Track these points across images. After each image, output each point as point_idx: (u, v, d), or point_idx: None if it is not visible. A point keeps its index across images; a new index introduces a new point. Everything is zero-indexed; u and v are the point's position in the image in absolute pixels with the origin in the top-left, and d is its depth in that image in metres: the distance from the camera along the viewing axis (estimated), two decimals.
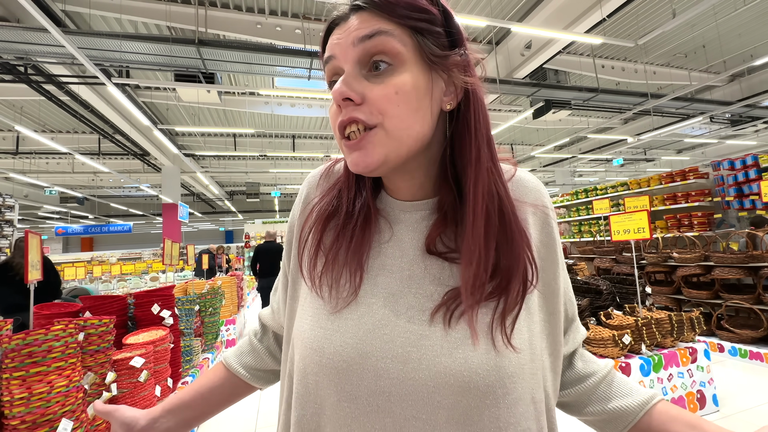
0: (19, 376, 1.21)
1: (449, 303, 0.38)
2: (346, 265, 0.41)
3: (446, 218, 0.41)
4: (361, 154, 0.38)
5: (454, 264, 0.40)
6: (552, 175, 16.47)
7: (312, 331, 0.40)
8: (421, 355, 0.36)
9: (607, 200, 5.10)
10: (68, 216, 17.09)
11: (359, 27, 0.37)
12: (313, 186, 0.51)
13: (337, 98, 0.37)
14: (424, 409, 0.35)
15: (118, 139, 8.99)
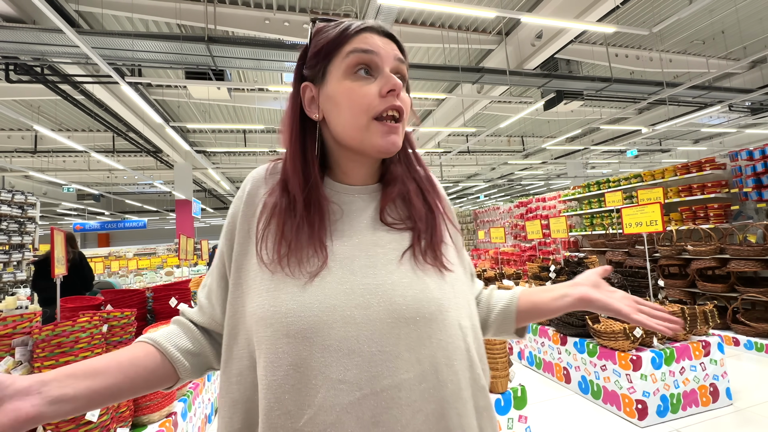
0: (49, 365, 1.28)
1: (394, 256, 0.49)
2: (311, 245, 0.48)
3: (393, 194, 0.54)
4: (396, 137, 0.50)
5: (396, 231, 0.52)
6: (563, 167, 16.21)
7: (277, 303, 0.44)
8: (379, 299, 0.45)
9: (620, 192, 5.02)
10: (85, 213, 17.54)
11: (395, 50, 0.52)
12: (259, 182, 0.55)
13: (398, 87, 0.49)
14: (387, 343, 0.44)
15: (132, 137, 9.16)
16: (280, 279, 0.46)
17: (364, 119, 0.49)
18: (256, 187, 0.54)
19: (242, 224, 0.53)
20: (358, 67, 0.49)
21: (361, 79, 0.49)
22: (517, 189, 22.82)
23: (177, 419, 1.87)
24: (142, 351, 0.49)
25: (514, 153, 13.79)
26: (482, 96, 6.99)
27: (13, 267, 3.66)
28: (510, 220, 9.70)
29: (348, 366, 0.42)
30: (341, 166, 0.55)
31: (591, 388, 2.56)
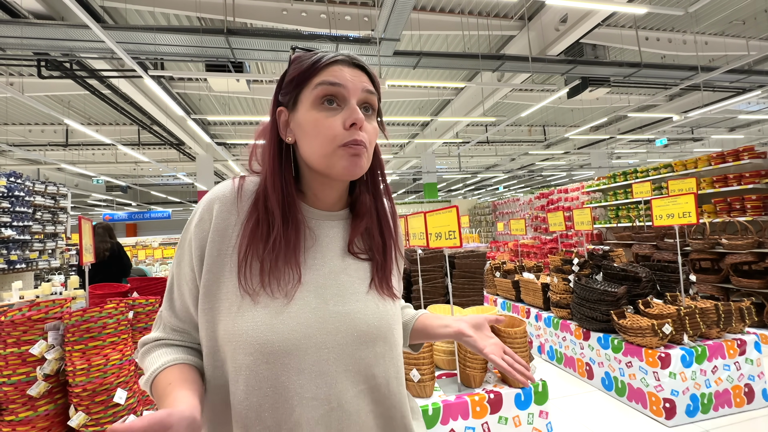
0: (80, 349, 1.33)
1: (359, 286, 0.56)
2: (287, 265, 0.51)
3: (361, 225, 0.59)
4: (359, 160, 0.53)
5: (359, 261, 0.58)
6: (587, 158, 15.67)
7: (256, 328, 0.47)
8: (347, 326, 0.52)
9: (649, 183, 4.81)
10: (114, 203, 18.27)
11: (365, 82, 0.54)
12: (227, 206, 0.54)
13: (360, 122, 0.52)
14: (351, 363, 0.51)
15: (156, 130, 9.42)
16: (259, 305, 0.49)
17: (329, 148, 0.52)
18: (226, 212, 0.54)
19: (211, 250, 0.52)
20: (324, 98, 0.52)
21: (327, 110, 0.52)
22: (538, 180, 22.26)
23: None
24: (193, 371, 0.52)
25: (535, 143, 13.41)
26: (503, 84, 6.79)
27: (48, 255, 3.85)
28: (530, 212, 9.48)
29: (319, 385, 0.48)
30: (312, 189, 0.58)
31: (615, 384, 2.48)
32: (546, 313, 3.29)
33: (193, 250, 0.53)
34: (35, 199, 3.67)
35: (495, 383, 1.85)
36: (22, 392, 1.28)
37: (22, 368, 1.28)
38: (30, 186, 3.67)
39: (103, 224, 3.59)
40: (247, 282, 0.50)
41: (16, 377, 1.27)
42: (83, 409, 1.31)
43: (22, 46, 4.99)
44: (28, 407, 1.28)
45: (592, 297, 2.61)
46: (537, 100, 8.09)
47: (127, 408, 1.38)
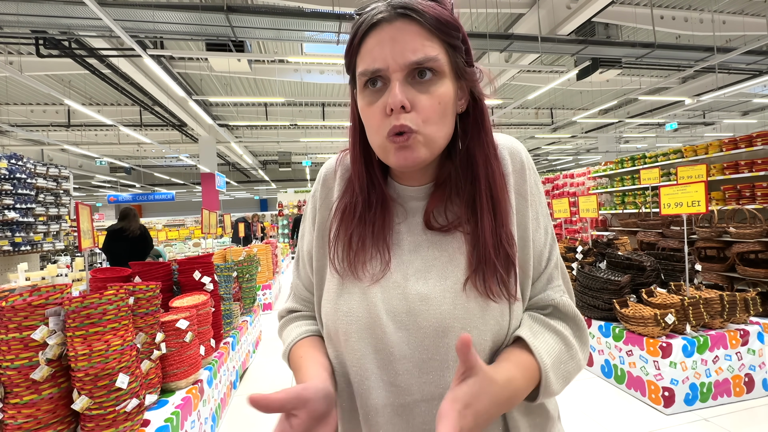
0: (80, 334, 1.33)
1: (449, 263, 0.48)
2: (374, 246, 0.50)
3: (443, 197, 0.51)
4: (408, 153, 0.45)
5: (448, 235, 0.50)
6: (594, 142, 15.39)
7: (343, 303, 0.49)
8: (426, 309, 0.46)
9: (657, 169, 4.71)
10: (118, 185, 18.33)
11: (413, 44, 0.43)
12: (329, 181, 0.57)
13: (396, 105, 0.43)
14: (428, 346, 0.45)
15: (157, 111, 9.31)
16: (346, 284, 0.50)
17: (378, 140, 0.47)
18: (328, 188, 0.56)
19: (321, 223, 0.55)
20: (365, 83, 0.46)
21: (371, 94, 0.46)
22: (544, 164, 21.99)
23: (203, 386, 1.96)
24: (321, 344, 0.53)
25: (542, 126, 13.15)
26: (510, 65, 6.59)
27: (53, 237, 3.88)
28: None
29: (399, 371, 0.45)
30: (394, 168, 0.53)
31: (614, 372, 2.49)
32: None
33: (308, 225, 0.57)
34: (37, 181, 3.66)
35: None
36: (26, 376, 1.29)
37: (25, 353, 1.29)
38: (32, 168, 3.65)
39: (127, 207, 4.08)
40: (337, 262, 0.50)
41: (19, 362, 1.29)
42: (86, 393, 1.32)
43: (19, 24, 4.88)
44: (32, 391, 1.30)
45: (595, 285, 2.59)
46: (545, 81, 7.87)
47: (129, 392, 1.39)
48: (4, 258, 3.70)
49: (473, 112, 0.50)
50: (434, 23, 0.43)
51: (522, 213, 0.51)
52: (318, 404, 0.40)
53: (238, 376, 2.81)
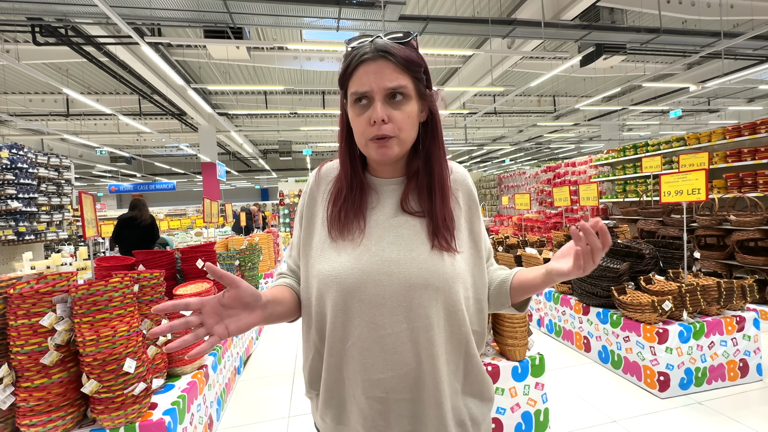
0: (88, 321, 1.36)
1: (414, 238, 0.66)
2: (354, 218, 0.67)
3: (412, 187, 0.69)
4: (385, 150, 0.63)
5: (415, 217, 0.68)
6: (597, 130, 15.25)
7: (332, 268, 0.64)
8: (399, 270, 0.62)
9: (659, 157, 4.69)
10: (119, 174, 18.32)
11: (390, 76, 0.61)
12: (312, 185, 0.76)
13: (378, 120, 0.61)
14: (404, 300, 0.62)
15: (156, 99, 9.24)
16: (336, 249, 0.66)
17: (362, 140, 0.65)
18: (318, 184, 0.75)
19: (307, 214, 0.73)
20: (356, 100, 0.63)
21: (359, 108, 0.63)
22: (545, 153, 21.84)
23: (208, 371, 2.00)
24: (285, 290, 0.71)
25: (544, 114, 13.02)
26: (513, 51, 6.49)
27: (56, 226, 3.90)
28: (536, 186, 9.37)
29: (376, 314, 0.62)
30: (371, 164, 0.72)
31: (611, 357, 2.53)
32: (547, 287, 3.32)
33: (298, 217, 0.76)
34: (39, 171, 3.67)
35: (493, 356, 1.90)
36: (36, 361, 1.33)
37: (34, 338, 1.33)
38: (32, 158, 3.66)
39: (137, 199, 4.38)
40: (332, 230, 0.68)
41: (29, 347, 1.32)
42: (95, 377, 1.36)
43: (14, 11, 4.81)
44: (42, 375, 1.33)
45: (594, 273, 2.61)
46: (548, 68, 7.76)
47: (137, 376, 1.43)
48: (8, 247, 3.74)
49: (431, 122, 0.69)
50: (404, 62, 0.62)
51: (474, 213, 0.74)
52: (245, 295, 0.57)
53: (242, 362, 2.87)
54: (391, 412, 0.63)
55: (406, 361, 0.61)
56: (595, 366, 2.65)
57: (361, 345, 0.62)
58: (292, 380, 2.67)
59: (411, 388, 0.62)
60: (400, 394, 0.62)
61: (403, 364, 0.62)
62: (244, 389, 2.58)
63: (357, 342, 0.62)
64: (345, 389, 0.66)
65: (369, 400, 0.63)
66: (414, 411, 0.63)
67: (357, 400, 0.64)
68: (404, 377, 0.62)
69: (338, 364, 0.65)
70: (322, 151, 18.95)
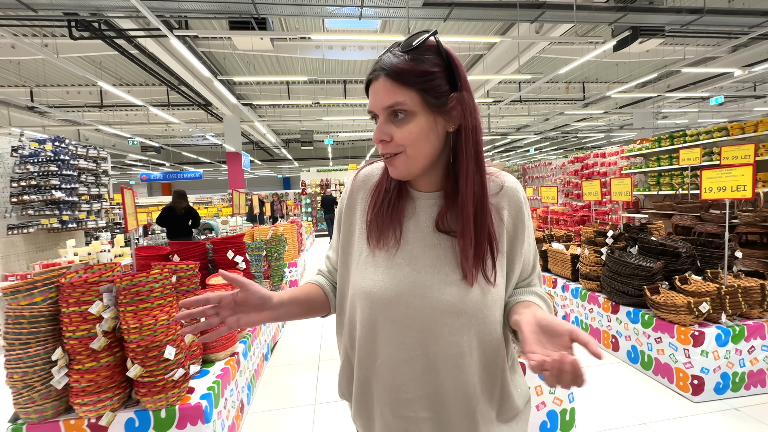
0: (131, 310, 1.45)
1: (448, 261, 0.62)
2: (390, 226, 0.65)
3: (449, 204, 0.64)
4: (392, 169, 0.63)
5: (451, 237, 0.64)
6: (629, 118, 14.53)
7: (366, 284, 0.64)
8: (431, 295, 0.61)
9: (698, 149, 4.43)
10: (149, 164, 19.02)
11: (384, 95, 0.59)
12: (357, 186, 0.74)
13: (376, 141, 0.61)
14: (434, 326, 0.60)
15: (183, 90, 9.48)
16: (373, 263, 0.65)
17: None
18: (356, 189, 0.73)
19: (345, 222, 0.73)
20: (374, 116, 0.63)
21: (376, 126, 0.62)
22: (573, 142, 21.06)
23: (239, 358, 2.09)
24: (314, 289, 0.75)
25: (573, 102, 12.50)
26: (541, 37, 6.23)
27: (95, 215, 4.12)
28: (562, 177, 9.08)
29: (407, 335, 0.61)
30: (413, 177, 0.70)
31: (641, 358, 2.47)
32: (573, 284, 3.24)
33: (336, 222, 0.76)
34: (79, 162, 3.86)
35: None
36: (86, 345, 1.43)
37: (84, 325, 1.42)
38: (73, 150, 3.85)
39: (178, 190, 5.05)
40: (370, 238, 0.67)
41: (80, 333, 1.42)
42: (139, 362, 1.45)
43: (52, 6, 5.02)
44: (92, 359, 1.43)
45: (625, 271, 2.53)
46: (579, 54, 7.41)
47: (176, 363, 1.51)
48: (53, 235, 3.98)
49: (456, 135, 0.62)
50: (398, 77, 0.57)
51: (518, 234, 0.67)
52: (253, 298, 0.62)
53: (269, 349, 2.97)
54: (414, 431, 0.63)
55: (435, 383, 0.61)
56: (624, 366, 2.59)
57: (390, 365, 0.62)
58: (317, 368, 2.75)
59: (439, 410, 0.62)
60: (428, 414, 0.62)
61: (432, 386, 0.61)
62: (272, 375, 2.68)
63: (386, 362, 0.62)
64: (373, 404, 0.66)
65: (396, 419, 0.63)
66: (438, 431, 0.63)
67: (384, 416, 0.64)
68: (433, 398, 0.62)
69: (367, 380, 0.66)
70: (343, 140, 18.99)
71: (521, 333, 0.53)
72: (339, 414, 2.15)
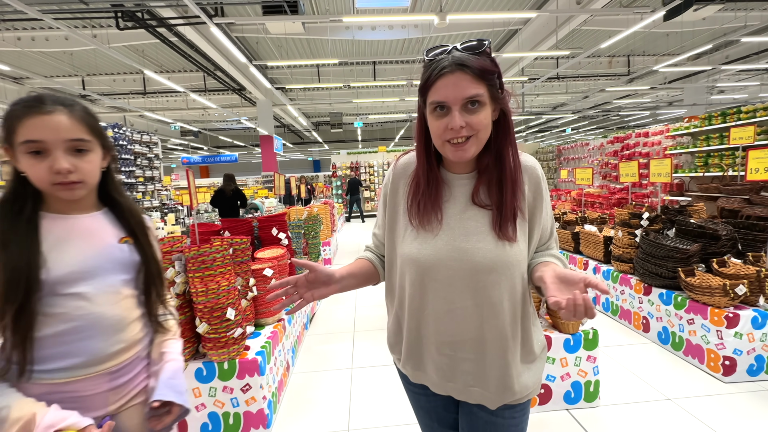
0: (198, 276, 1.67)
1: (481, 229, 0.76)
2: (432, 211, 0.79)
3: (482, 181, 0.78)
4: (462, 152, 0.73)
5: (484, 209, 0.77)
6: (679, 93, 13.48)
7: (413, 252, 0.79)
8: (467, 257, 0.74)
9: (753, 127, 4.15)
10: (188, 147, 19.99)
11: (467, 87, 0.69)
12: (398, 173, 0.87)
13: (456, 127, 0.70)
14: (470, 282, 0.74)
15: (219, 76, 9.83)
16: (416, 236, 0.79)
17: (439, 142, 0.75)
18: (398, 177, 0.86)
19: (390, 203, 0.87)
20: (434, 108, 0.72)
21: (438, 116, 0.72)
22: (614, 121, 19.86)
23: (285, 324, 2.32)
24: (365, 263, 0.90)
25: (616, 77, 11.74)
26: (581, 9, 5.90)
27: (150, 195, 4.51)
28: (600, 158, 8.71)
29: (447, 291, 0.76)
30: (447, 160, 0.81)
31: (672, 339, 2.48)
32: (605, 266, 3.23)
33: (381, 203, 0.91)
34: (135, 147, 4.22)
35: (546, 328, 1.97)
36: None
37: None
38: (129, 135, 4.20)
39: (228, 173, 5.55)
40: (412, 219, 0.80)
41: None
42: (206, 321, 1.68)
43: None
44: None
45: (660, 253, 2.51)
46: (624, 24, 6.94)
47: (235, 323, 1.74)
48: None
49: (503, 121, 0.76)
50: (479, 73, 0.69)
51: (537, 205, 0.80)
52: (322, 276, 0.78)
53: (308, 319, 3.23)
54: (456, 367, 0.78)
55: (470, 329, 0.76)
56: (653, 346, 2.60)
57: (435, 315, 0.77)
58: (353, 338, 2.96)
59: (474, 351, 0.77)
60: (465, 354, 0.77)
61: (468, 332, 0.76)
62: (312, 342, 2.92)
63: (432, 312, 0.78)
64: (422, 346, 0.82)
65: (440, 356, 0.79)
66: (476, 369, 0.77)
67: (431, 354, 0.80)
68: (468, 342, 0.77)
69: (417, 327, 0.81)
70: (372, 122, 18.99)
71: (544, 284, 0.67)
72: (374, 377, 2.35)
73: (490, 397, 0.78)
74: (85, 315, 0.72)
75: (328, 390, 2.24)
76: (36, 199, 0.75)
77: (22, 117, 0.69)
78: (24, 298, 0.66)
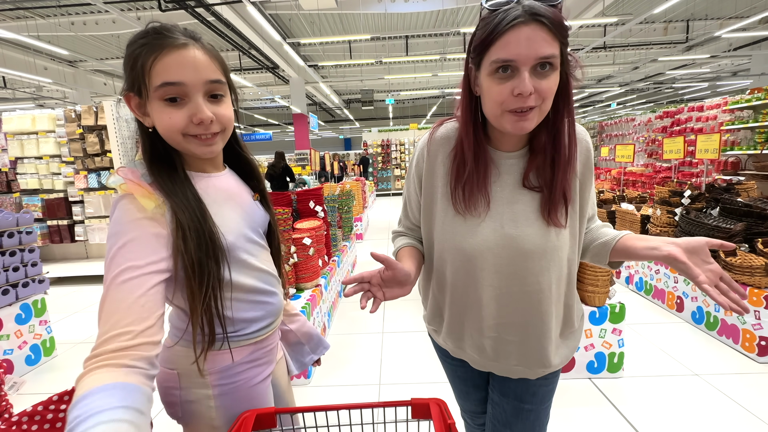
0: None
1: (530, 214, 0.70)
2: (479, 193, 0.71)
3: (533, 161, 0.70)
4: (525, 123, 0.62)
5: (533, 192, 0.70)
6: (747, 62, 12.13)
7: (457, 240, 0.73)
8: (516, 244, 0.70)
9: None
10: None
11: (542, 44, 0.56)
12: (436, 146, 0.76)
13: (526, 92, 0.58)
14: (518, 269, 0.71)
15: (254, 54, 10.03)
16: (461, 221, 0.73)
17: (498, 111, 0.62)
18: (434, 152, 0.76)
19: (426, 183, 0.78)
20: (497, 69, 0.60)
21: (500, 78, 0.60)
22: (666, 94, 18.27)
23: (322, 289, 2.52)
24: (418, 253, 0.83)
25: (671, 45, 10.73)
26: None
27: None
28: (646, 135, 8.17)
29: (494, 278, 0.72)
30: (495, 136, 0.72)
31: (707, 319, 2.43)
32: None
33: (414, 182, 0.81)
34: None
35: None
36: None
37: None
38: None
39: (278, 151, 6.28)
40: (457, 203, 0.72)
41: None
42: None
43: None
44: None
45: (699, 233, 2.44)
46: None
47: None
48: None
49: (563, 90, 0.64)
50: (557, 27, 0.57)
51: (587, 179, 0.74)
52: (400, 275, 0.68)
53: (342, 288, 3.44)
54: (500, 349, 0.77)
55: (517, 313, 0.73)
56: (686, 325, 2.57)
57: (480, 301, 0.73)
58: (383, 305, 3.14)
59: (520, 333, 0.74)
60: (510, 337, 0.75)
61: (514, 316, 0.73)
62: (345, 309, 3.13)
63: (476, 300, 0.74)
64: (464, 330, 0.79)
65: (484, 339, 0.77)
66: (520, 350, 0.76)
67: (473, 338, 0.78)
68: (514, 325, 0.74)
69: (460, 314, 0.78)
70: (404, 99, 18.70)
71: (679, 263, 0.60)
72: (403, 341, 2.51)
73: (530, 373, 0.78)
74: (260, 275, 0.70)
75: (360, 350, 2.43)
76: (179, 155, 0.64)
77: (157, 52, 0.56)
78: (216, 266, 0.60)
